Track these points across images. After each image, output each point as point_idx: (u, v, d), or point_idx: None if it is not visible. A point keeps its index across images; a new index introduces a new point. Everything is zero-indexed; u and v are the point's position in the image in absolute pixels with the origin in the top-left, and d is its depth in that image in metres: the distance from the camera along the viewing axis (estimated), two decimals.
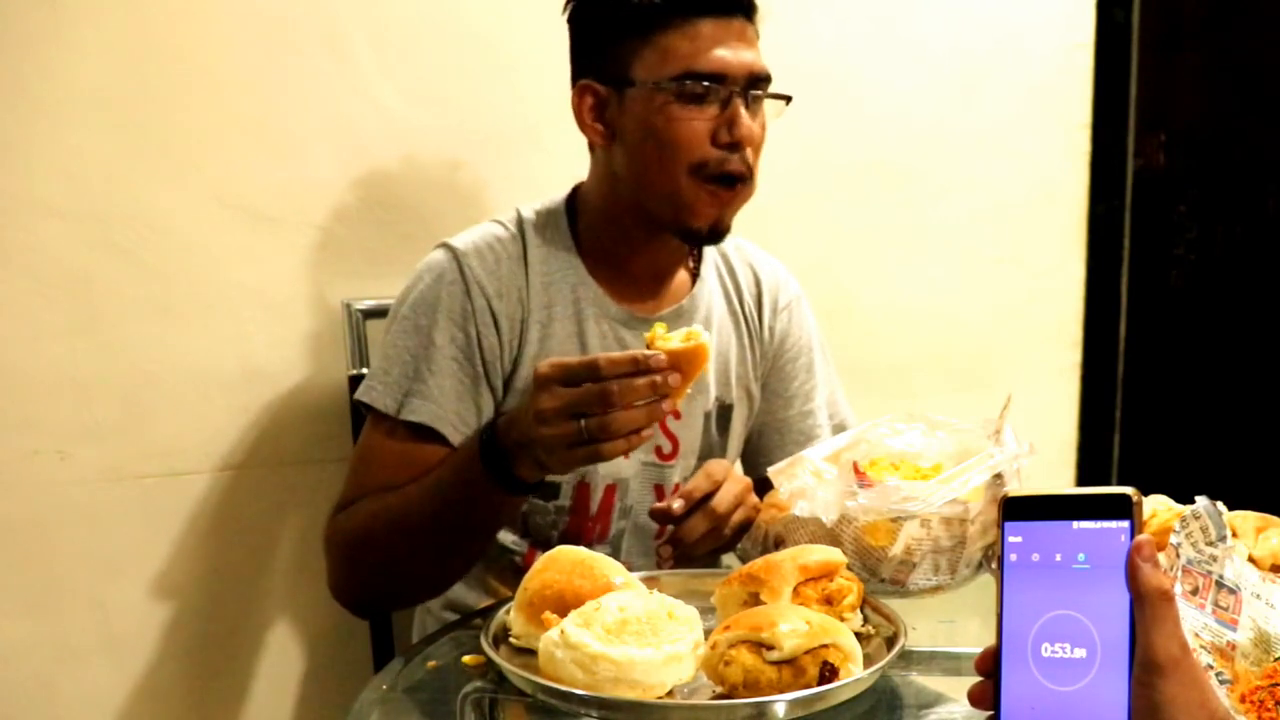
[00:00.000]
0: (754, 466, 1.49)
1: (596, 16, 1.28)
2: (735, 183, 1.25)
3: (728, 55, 1.23)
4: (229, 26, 1.52)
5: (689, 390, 1.07)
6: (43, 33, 1.42)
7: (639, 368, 1.01)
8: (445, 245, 1.32)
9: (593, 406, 1.01)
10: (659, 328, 1.06)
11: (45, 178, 1.44)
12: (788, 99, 1.30)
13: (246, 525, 1.59)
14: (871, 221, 1.99)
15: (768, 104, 1.29)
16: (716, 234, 1.29)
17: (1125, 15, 2.13)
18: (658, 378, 1.01)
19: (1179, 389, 2.29)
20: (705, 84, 1.22)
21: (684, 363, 1.03)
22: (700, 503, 1.19)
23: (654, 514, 1.22)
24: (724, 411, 1.43)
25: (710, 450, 1.42)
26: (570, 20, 1.31)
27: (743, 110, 1.23)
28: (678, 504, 1.19)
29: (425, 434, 1.24)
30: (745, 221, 1.55)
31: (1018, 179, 2.08)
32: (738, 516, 1.21)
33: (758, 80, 1.25)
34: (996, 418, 1.20)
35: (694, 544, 1.20)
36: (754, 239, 1.54)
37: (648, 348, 1.03)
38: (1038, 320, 2.14)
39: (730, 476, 1.23)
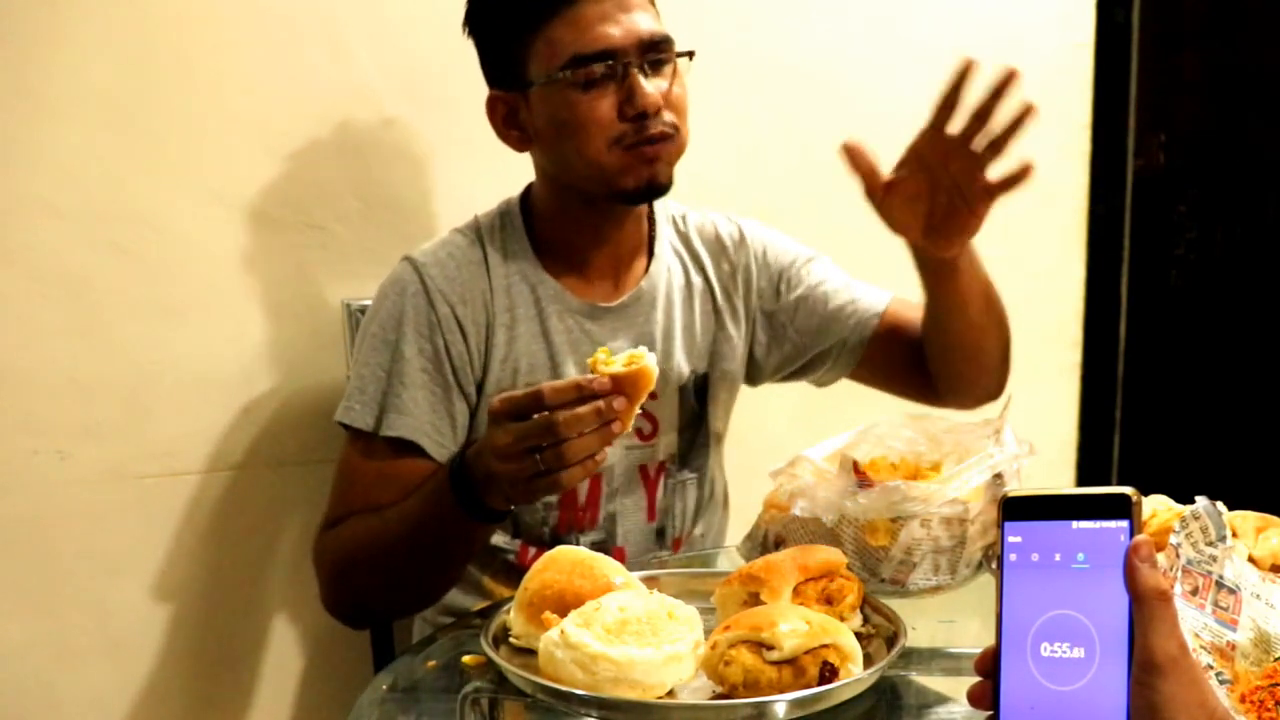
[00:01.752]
0: (874, 368, 1.46)
1: (487, 25, 1.30)
2: (657, 141, 1.25)
3: (611, 30, 1.22)
4: (229, 26, 1.52)
5: (637, 410, 1.06)
6: (43, 33, 1.42)
7: (583, 393, 1.01)
8: (407, 258, 1.34)
9: (543, 439, 1.01)
10: (601, 352, 1.06)
11: (45, 178, 1.44)
12: (689, 54, 1.29)
13: (246, 525, 1.59)
14: (871, 222, 1.99)
15: (682, 62, 1.29)
16: (656, 188, 1.28)
17: (1125, 15, 2.13)
18: (602, 404, 1.01)
19: (1179, 389, 2.29)
20: (595, 65, 1.22)
21: (628, 386, 1.03)
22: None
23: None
24: (700, 381, 1.43)
25: (691, 419, 1.42)
26: (470, 34, 1.33)
27: (641, 80, 1.23)
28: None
29: (404, 447, 1.25)
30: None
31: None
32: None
33: (652, 45, 1.24)
34: (996, 418, 1.21)
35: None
36: None
37: (591, 372, 1.03)
38: (1038, 320, 2.13)
39: None
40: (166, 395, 1.52)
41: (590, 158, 1.25)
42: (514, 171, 1.61)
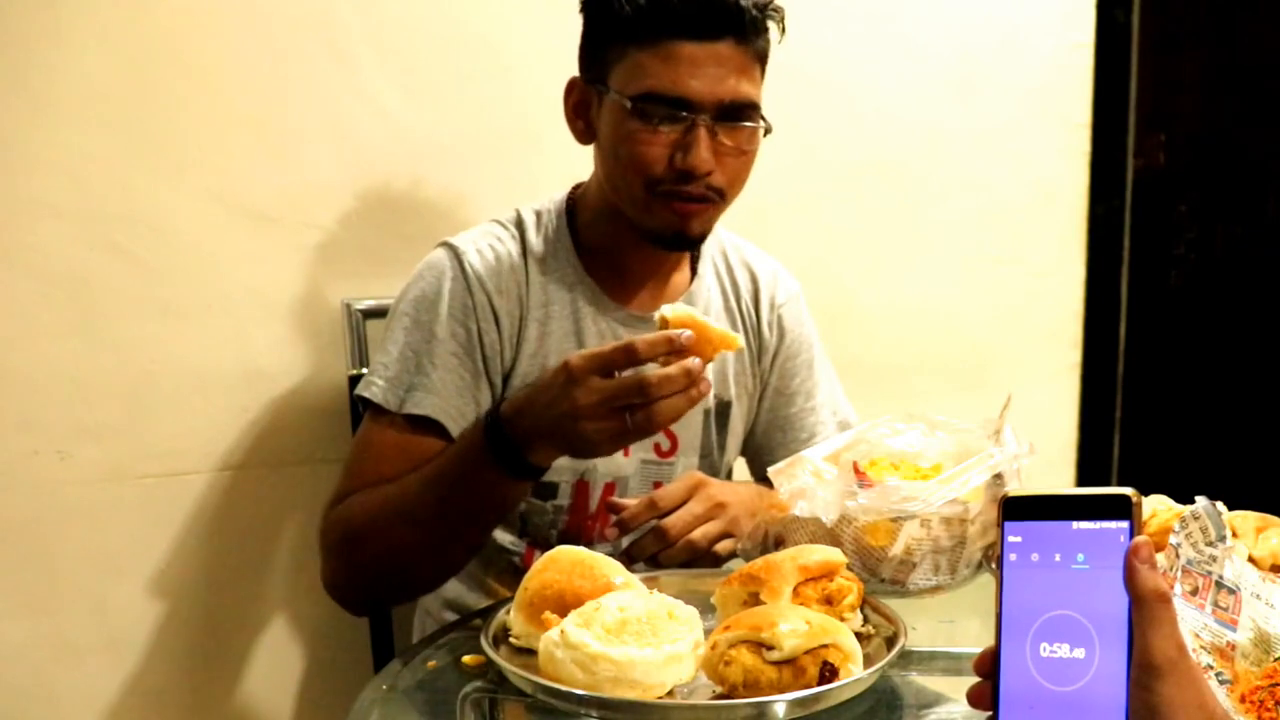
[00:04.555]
0: (759, 465, 1.50)
1: (591, 18, 1.29)
2: (694, 200, 1.24)
3: (697, 82, 1.19)
4: (229, 27, 1.52)
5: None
6: (43, 32, 1.42)
7: (674, 347, 1.02)
8: (445, 244, 1.33)
9: (634, 398, 1.01)
10: (662, 311, 1.06)
11: (45, 178, 1.44)
12: (767, 130, 1.27)
13: (246, 525, 1.59)
14: (871, 222, 1.99)
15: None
16: (684, 241, 1.28)
17: (1125, 15, 2.13)
18: (691, 365, 1.01)
19: (1179, 389, 2.29)
20: (665, 107, 1.20)
21: (707, 346, 1.04)
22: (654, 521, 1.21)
23: (609, 506, 1.26)
24: (723, 409, 1.43)
25: (710, 448, 1.42)
26: (581, 11, 1.31)
27: (703, 139, 1.20)
28: (612, 532, 1.22)
29: (426, 426, 1.24)
30: (745, 221, 1.55)
31: (1017, 179, 2.08)
32: (705, 532, 1.21)
33: (733, 108, 1.22)
34: (996, 418, 1.20)
35: (656, 558, 1.21)
36: (754, 239, 1.54)
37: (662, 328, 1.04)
38: (1038, 320, 2.14)
39: (698, 497, 1.23)
40: (166, 395, 1.52)
41: (627, 188, 1.25)
42: (514, 172, 1.62)
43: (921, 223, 2.01)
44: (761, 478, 1.43)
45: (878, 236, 2.00)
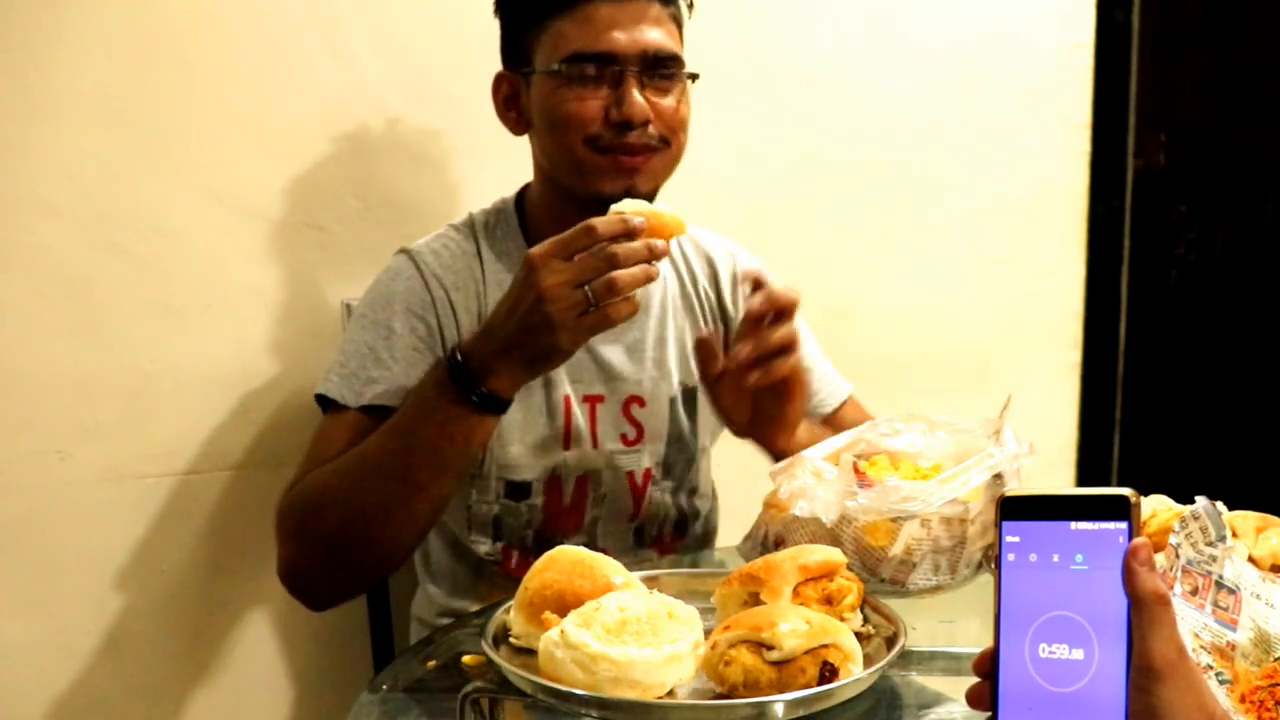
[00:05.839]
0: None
1: (506, 6, 1.32)
2: (638, 153, 1.26)
3: (619, 35, 1.24)
4: (229, 26, 1.52)
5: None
6: (43, 33, 1.42)
7: (629, 228, 1.07)
8: (402, 250, 1.36)
9: (599, 270, 1.06)
10: (618, 207, 1.11)
11: (45, 178, 1.44)
12: (694, 76, 1.30)
13: (246, 525, 1.59)
14: (871, 221, 1.99)
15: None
16: (633, 198, 1.27)
17: (1125, 15, 2.13)
18: (655, 243, 1.08)
19: (1179, 389, 2.29)
20: (593, 65, 1.24)
21: (660, 230, 1.10)
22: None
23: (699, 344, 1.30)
24: (689, 394, 1.43)
25: (680, 433, 1.43)
26: (496, 11, 1.35)
27: (633, 90, 1.24)
28: (756, 299, 1.22)
29: (381, 416, 1.23)
30: (745, 222, 1.55)
31: (1017, 179, 2.08)
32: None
33: (657, 60, 1.26)
34: (996, 418, 1.20)
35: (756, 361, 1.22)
36: (754, 239, 1.54)
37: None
38: (1038, 320, 2.14)
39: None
40: (166, 395, 1.52)
41: (569, 152, 1.26)
42: (514, 171, 1.61)
43: (922, 223, 2.02)
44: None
45: (878, 236, 2.00)
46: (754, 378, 1.23)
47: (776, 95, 1.90)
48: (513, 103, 1.34)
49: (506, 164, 1.68)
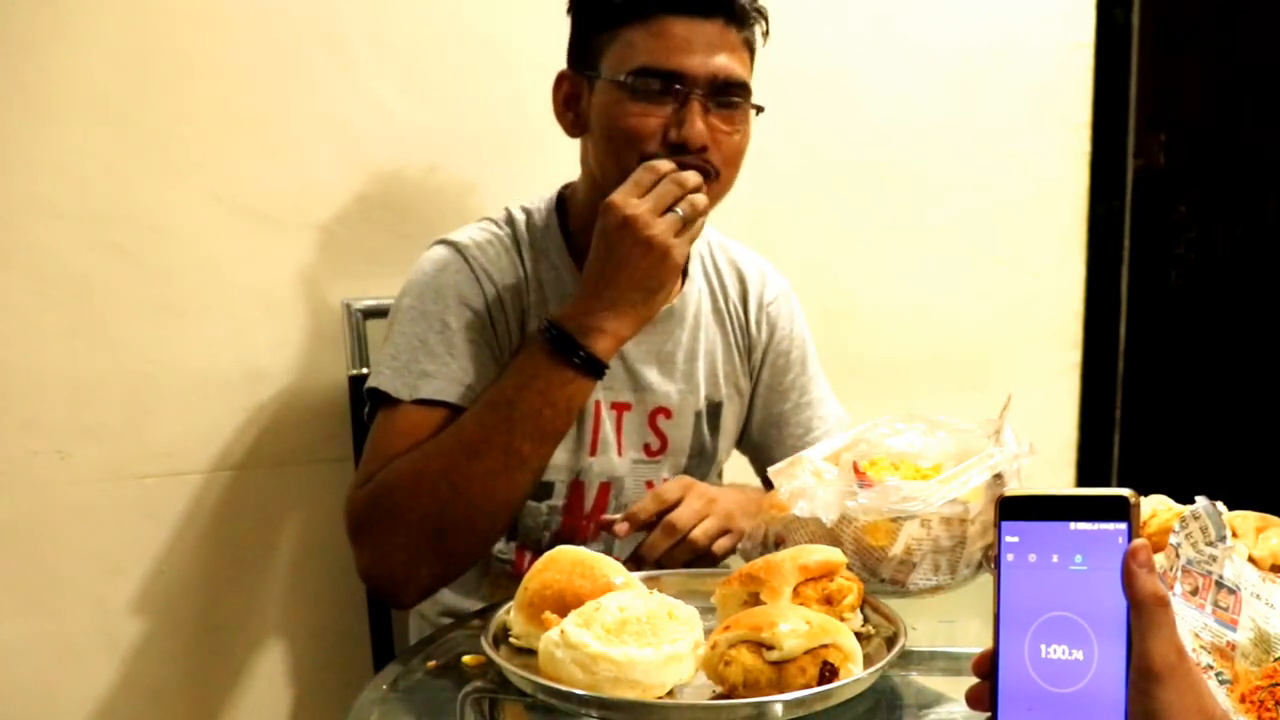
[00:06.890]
0: (759, 463, 1.50)
1: (578, 8, 1.30)
2: None
3: (690, 56, 1.21)
4: (229, 26, 1.52)
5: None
6: (43, 33, 1.42)
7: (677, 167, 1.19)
8: (444, 241, 1.34)
9: (677, 196, 1.17)
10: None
11: (45, 178, 1.44)
12: (758, 109, 1.29)
13: (246, 525, 1.59)
14: (871, 221, 1.99)
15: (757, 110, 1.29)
16: None
17: (1125, 15, 2.13)
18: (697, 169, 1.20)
19: (1179, 389, 2.29)
20: (659, 81, 1.21)
21: None
22: (658, 520, 1.22)
23: (601, 526, 1.26)
24: (714, 410, 1.43)
25: (702, 449, 1.42)
26: (568, 10, 1.32)
27: (697, 113, 1.22)
28: (622, 527, 1.22)
29: (440, 410, 1.23)
30: (745, 221, 1.55)
31: (1018, 179, 2.08)
32: (705, 529, 1.22)
33: (725, 86, 1.23)
34: (996, 418, 1.20)
35: (660, 560, 1.21)
36: (754, 239, 1.54)
37: None
38: (1038, 320, 2.14)
39: (692, 493, 1.24)
40: (166, 395, 1.52)
41: (622, 166, 1.23)
42: (516, 171, 1.62)
43: (922, 223, 2.01)
44: (763, 476, 1.43)
45: (878, 236, 2.00)
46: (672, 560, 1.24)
47: (776, 95, 1.90)
48: (572, 103, 1.30)
49: (508, 162, 1.68)
